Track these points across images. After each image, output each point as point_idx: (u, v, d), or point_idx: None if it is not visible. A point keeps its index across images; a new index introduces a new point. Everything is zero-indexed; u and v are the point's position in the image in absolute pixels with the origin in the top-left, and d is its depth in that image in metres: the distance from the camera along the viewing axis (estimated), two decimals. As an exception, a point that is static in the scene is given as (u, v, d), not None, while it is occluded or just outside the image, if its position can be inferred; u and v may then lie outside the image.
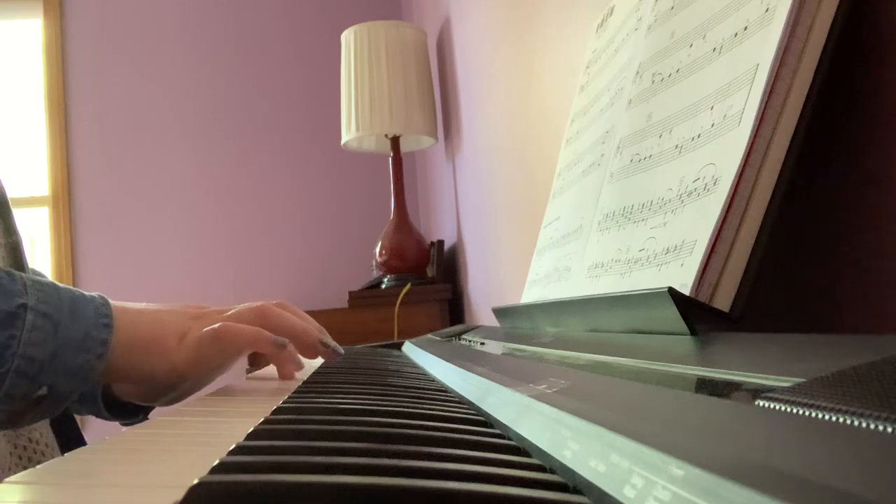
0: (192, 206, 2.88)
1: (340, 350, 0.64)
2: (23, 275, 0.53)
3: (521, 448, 0.27)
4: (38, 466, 0.27)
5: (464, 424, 0.33)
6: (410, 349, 0.92)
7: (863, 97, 0.38)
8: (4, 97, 2.98)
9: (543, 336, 0.56)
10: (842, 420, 0.16)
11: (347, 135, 2.09)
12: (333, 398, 0.43)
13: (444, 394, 0.46)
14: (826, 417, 0.16)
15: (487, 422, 0.34)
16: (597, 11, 0.76)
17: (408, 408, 0.37)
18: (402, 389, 0.48)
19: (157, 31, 2.93)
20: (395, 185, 2.11)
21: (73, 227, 2.85)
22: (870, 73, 0.38)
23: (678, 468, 0.15)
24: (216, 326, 0.57)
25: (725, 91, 0.42)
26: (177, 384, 0.62)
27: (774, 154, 0.38)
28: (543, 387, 0.30)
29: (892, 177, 0.36)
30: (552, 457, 0.23)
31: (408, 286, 1.94)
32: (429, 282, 2.05)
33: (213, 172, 2.89)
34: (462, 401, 0.42)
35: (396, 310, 1.90)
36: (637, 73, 0.56)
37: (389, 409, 0.37)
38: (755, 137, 0.38)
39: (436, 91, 2.18)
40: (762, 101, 0.38)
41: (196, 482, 0.19)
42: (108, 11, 2.94)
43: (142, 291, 2.76)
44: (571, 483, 0.21)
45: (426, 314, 1.96)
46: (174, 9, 2.94)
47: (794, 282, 0.43)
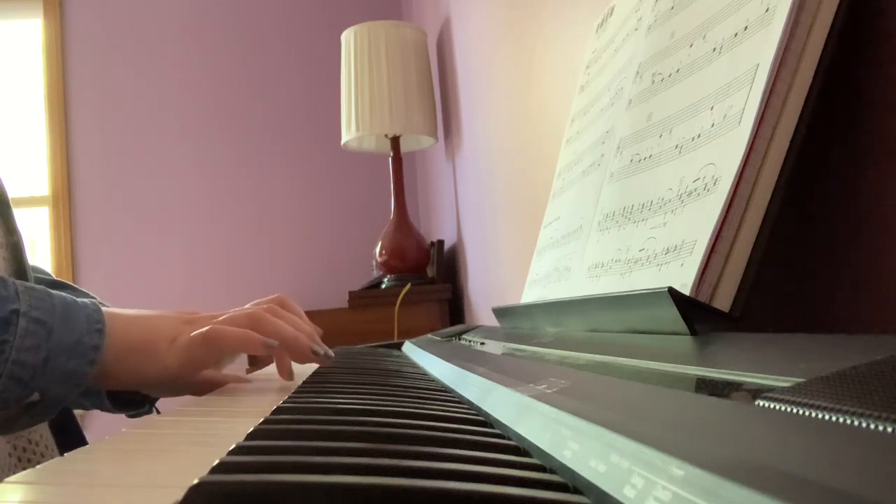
0: (192, 206, 2.88)
1: (331, 354, 0.65)
2: (15, 281, 0.53)
3: (521, 448, 0.27)
4: (38, 466, 0.27)
5: (464, 424, 0.33)
6: (410, 349, 0.92)
7: (863, 97, 0.38)
8: (4, 97, 2.98)
9: (543, 336, 0.56)
10: (842, 420, 0.16)
11: (347, 135, 2.09)
12: (333, 398, 0.43)
13: (445, 394, 0.46)
14: (826, 417, 0.16)
15: (487, 422, 0.34)
16: (597, 11, 0.76)
17: (408, 408, 0.37)
18: (403, 389, 0.48)
19: (157, 31, 2.93)
20: (395, 185, 2.11)
21: (73, 227, 2.85)
22: (870, 73, 0.38)
23: (678, 468, 0.15)
24: (206, 329, 0.58)
25: (725, 91, 0.42)
26: (169, 386, 0.63)
27: (774, 154, 0.38)
28: (543, 387, 0.30)
29: (893, 176, 0.36)
30: (552, 457, 0.23)
31: (408, 286, 1.94)
32: (429, 282, 2.05)
33: (213, 172, 2.89)
34: (462, 401, 0.42)
35: (396, 310, 1.90)
36: (637, 73, 0.56)
37: (389, 409, 0.37)
38: (755, 137, 0.38)
39: (436, 91, 2.18)
40: (762, 101, 0.38)
41: (196, 482, 0.19)
42: (108, 11, 2.94)
43: (142, 291, 2.76)
44: (571, 483, 0.21)
45: (426, 314, 1.96)
46: (174, 9, 2.94)
47: (794, 282, 0.43)
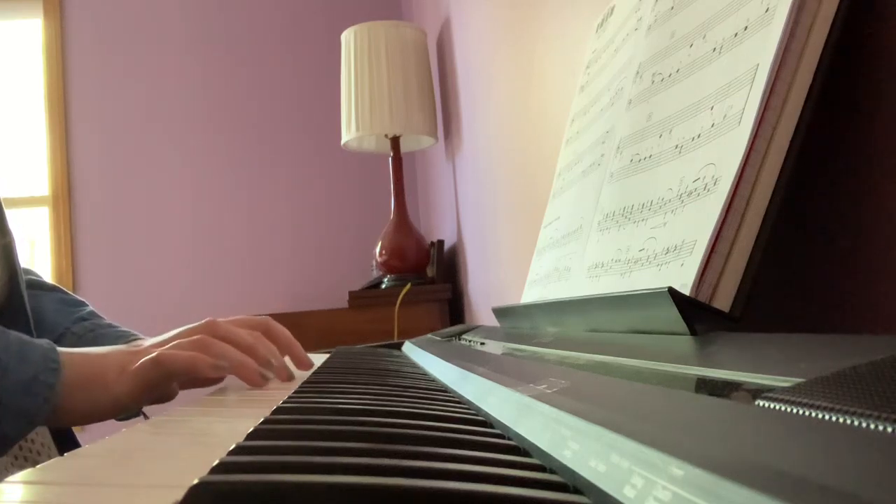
0: (192, 206, 2.87)
1: (276, 364, 0.64)
2: None
3: (521, 448, 0.27)
4: (38, 466, 0.27)
5: (464, 424, 0.33)
6: (410, 349, 0.92)
7: (863, 97, 0.38)
8: (4, 97, 2.98)
9: (543, 336, 0.56)
10: (842, 420, 0.16)
11: (347, 135, 2.09)
12: (333, 398, 0.43)
13: (444, 394, 0.46)
14: (826, 417, 0.16)
15: (487, 422, 0.34)
16: (597, 11, 0.76)
17: (408, 408, 0.37)
18: (402, 389, 0.48)
19: (157, 31, 2.93)
20: (395, 185, 2.11)
21: (73, 227, 2.85)
22: (870, 73, 0.38)
23: (678, 468, 0.15)
24: (154, 354, 0.58)
25: (725, 91, 0.42)
26: (120, 415, 0.63)
27: (774, 154, 0.38)
28: (543, 387, 0.30)
29: (893, 176, 0.36)
30: (552, 457, 0.23)
31: (408, 286, 1.94)
32: (429, 282, 2.05)
33: (213, 172, 2.89)
34: (462, 401, 0.42)
35: (396, 310, 1.90)
36: (637, 73, 0.56)
37: (389, 409, 0.37)
38: (755, 137, 0.38)
39: (436, 91, 2.18)
40: (762, 101, 0.38)
41: (196, 482, 0.19)
42: (108, 11, 2.94)
43: (141, 291, 2.76)
44: (571, 483, 0.21)
45: (426, 314, 1.96)
46: (174, 9, 2.94)
47: (794, 282, 0.43)
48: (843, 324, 0.39)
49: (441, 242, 2.13)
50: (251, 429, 0.29)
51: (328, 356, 0.90)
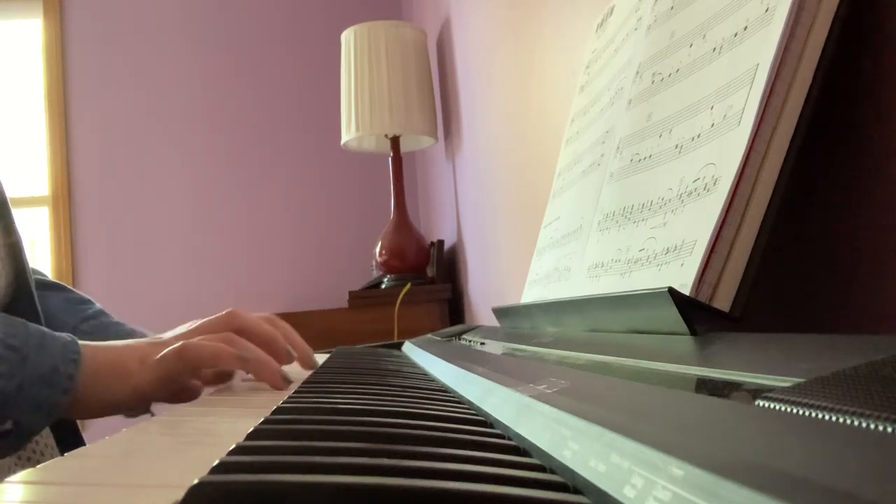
0: (192, 206, 2.87)
1: (294, 354, 0.65)
2: None
3: (521, 448, 0.27)
4: (38, 466, 0.27)
5: (464, 424, 0.33)
6: (410, 349, 0.92)
7: (863, 97, 0.38)
8: (4, 97, 2.98)
9: (543, 336, 0.56)
10: (842, 420, 0.16)
11: (347, 135, 2.09)
12: (333, 398, 0.43)
13: (444, 394, 0.46)
14: (826, 417, 0.16)
15: (487, 422, 0.34)
16: (597, 11, 0.76)
17: (408, 408, 0.37)
18: (402, 389, 0.48)
19: (157, 31, 2.93)
20: (395, 185, 2.11)
21: (73, 227, 2.85)
22: (870, 73, 0.38)
23: (678, 468, 0.15)
24: (178, 345, 0.58)
25: (725, 91, 0.42)
26: (140, 408, 0.63)
27: (774, 154, 0.38)
28: (543, 387, 0.30)
29: (893, 176, 0.36)
30: (552, 457, 0.23)
31: (408, 286, 1.94)
32: (429, 282, 2.05)
33: (213, 172, 2.89)
34: (462, 401, 0.42)
35: (396, 310, 1.90)
36: (637, 73, 0.56)
37: (389, 409, 0.37)
38: (755, 137, 0.38)
39: (436, 91, 2.18)
40: (762, 101, 0.38)
41: (196, 482, 0.19)
42: (108, 11, 2.94)
43: (141, 291, 2.76)
44: (571, 483, 0.21)
45: (426, 314, 1.96)
46: (174, 9, 2.94)
47: (794, 282, 0.43)
48: (843, 324, 0.39)
49: (441, 242, 2.13)
50: (251, 429, 0.29)
51: (328, 356, 0.90)
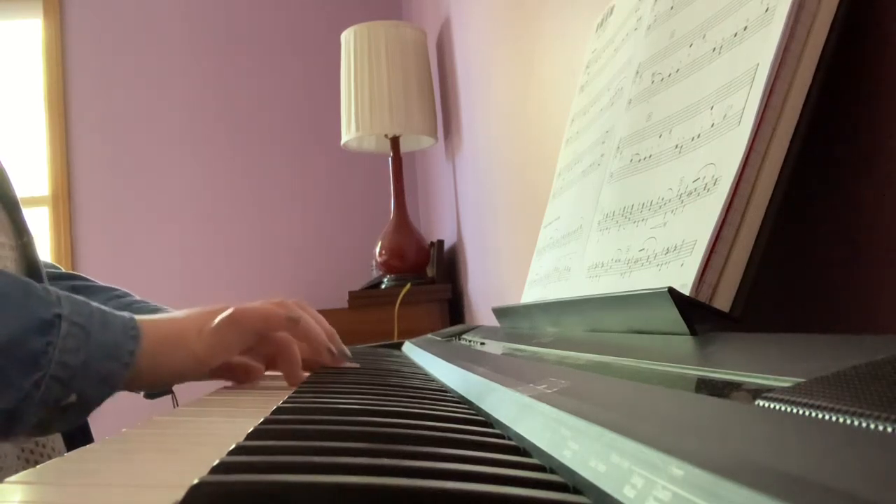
0: (192, 207, 2.87)
1: (348, 354, 0.67)
2: (57, 290, 0.56)
3: (521, 448, 0.27)
4: (38, 466, 0.27)
5: (464, 424, 0.33)
6: (410, 349, 0.92)
7: (862, 97, 0.38)
8: (4, 97, 2.98)
9: (543, 336, 0.56)
10: (842, 420, 0.16)
11: (347, 135, 2.09)
12: (333, 398, 0.43)
13: (444, 394, 0.46)
14: (826, 417, 0.16)
15: (487, 422, 0.34)
16: (597, 11, 0.76)
17: (408, 408, 0.37)
18: (402, 389, 0.48)
19: (157, 31, 2.93)
20: (395, 185, 2.11)
21: (73, 227, 2.85)
22: (870, 73, 0.38)
23: (678, 468, 0.15)
24: (230, 311, 0.61)
25: (725, 91, 0.42)
26: (200, 376, 0.64)
27: (774, 154, 0.38)
28: (543, 387, 0.30)
29: (893, 176, 0.36)
30: (552, 457, 0.23)
31: (408, 286, 1.94)
32: (429, 282, 2.05)
33: (213, 172, 2.89)
34: (462, 401, 0.42)
35: (396, 310, 1.90)
36: (637, 73, 0.56)
37: (389, 409, 0.37)
38: (755, 137, 0.38)
39: (436, 91, 2.18)
40: (762, 101, 0.38)
41: (196, 482, 0.19)
42: (108, 11, 2.94)
43: (141, 292, 2.75)
44: (571, 483, 0.21)
45: (426, 314, 1.96)
46: (174, 9, 2.94)
47: (794, 282, 0.43)
48: (843, 324, 0.39)
49: (441, 242, 2.13)
50: (251, 429, 0.29)
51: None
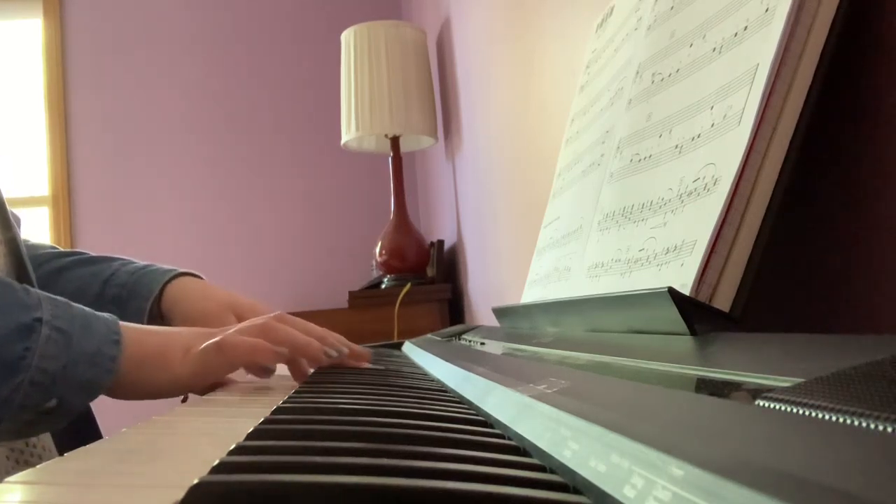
0: (192, 207, 2.87)
1: (345, 351, 0.66)
2: (38, 291, 0.55)
3: (521, 448, 0.27)
4: (38, 466, 0.27)
5: (464, 424, 0.33)
6: (410, 349, 0.92)
7: (862, 97, 0.38)
8: (4, 97, 2.98)
9: (543, 336, 0.56)
10: (842, 420, 0.16)
11: (347, 135, 2.09)
12: (333, 398, 0.43)
13: (444, 394, 0.46)
14: (826, 417, 0.16)
15: (487, 422, 0.34)
16: (597, 11, 0.76)
17: (408, 408, 0.37)
18: (402, 389, 0.48)
19: (157, 31, 2.93)
20: (395, 185, 2.11)
21: (73, 227, 2.85)
22: (870, 73, 0.38)
23: (678, 468, 0.15)
24: (218, 339, 0.59)
25: (725, 91, 0.42)
26: (179, 394, 0.63)
27: (774, 154, 0.38)
28: (543, 387, 0.30)
29: (892, 176, 0.36)
30: (552, 457, 0.23)
31: (408, 286, 1.94)
32: (429, 282, 2.05)
33: (213, 172, 2.89)
34: (462, 401, 0.42)
35: (396, 310, 1.90)
36: (637, 73, 0.56)
37: (389, 409, 0.37)
38: (755, 137, 0.38)
39: (436, 91, 2.18)
40: (762, 101, 0.38)
41: (196, 482, 0.19)
42: (108, 11, 2.94)
43: (142, 291, 2.75)
44: (571, 483, 0.21)
45: (426, 314, 1.96)
46: (174, 9, 2.94)
47: (794, 282, 0.43)
48: (843, 324, 0.39)
49: (441, 242, 2.13)
50: (251, 429, 0.29)
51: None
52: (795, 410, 0.17)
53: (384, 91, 2.02)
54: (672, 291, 0.36)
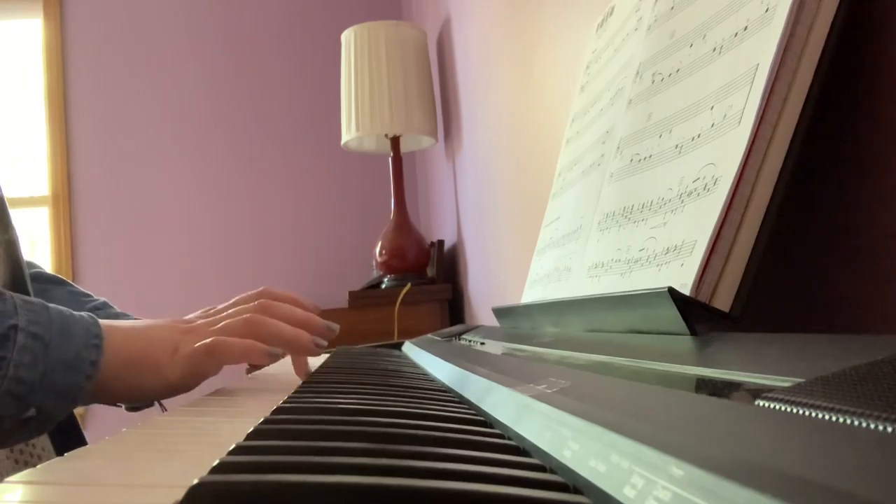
0: (192, 207, 2.88)
1: (335, 328, 0.66)
2: (13, 294, 0.53)
3: (521, 448, 0.27)
4: (38, 466, 0.27)
5: (464, 424, 0.33)
6: (410, 349, 0.92)
7: (862, 97, 0.38)
8: (4, 97, 2.98)
9: (543, 336, 0.56)
10: (842, 420, 0.16)
11: (347, 135, 2.09)
12: (333, 398, 0.43)
13: (444, 394, 0.46)
14: (826, 417, 0.16)
15: (487, 422, 0.34)
16: (597, 12, 0.76)
17: (408, 408, 0.37)
18: (402, 389, 0.48)
19: (157, 32, 2.93)
20: (395, 185, 2.11)
21: (73, 227, 2.85)
22: (870, 73, 0.38)
23: (678, 468, 0.15)
24: (209, 342, 0.57)
25: (725, 91, 0.42)
26: (168, 397, 0.63)
27: (774, 154, 0.38)
28: (543, 387, 0.30)
29: (892, 176, 0.36)
30: (552, 457, 0.23)
31: (408, 286, 1.94)
32: (429, 282, 2.05)
33: (213, 172, 2.89)
34: (462, 401, 0.42)
35: (396, 310, 1.90)
36: (637, 73, 0.56)
37: (389, 409, 0.37)
38: (755, 137, 0.38)
39: (436, 91, 2.18)
40: (762, 101, 0.38)
41: (196, 482, 0.19)
42: (108, 11, 2.94)
43: (141, 291, 2.76)
44: (571, 483, 0.21)
45: (426, 314, 1.96)
46: (174, 9, 2.94)
47: (794, 282, 0.43)
48: (843, 324, 0.39)
49: (441, 242, 2.13)
50: (251, 429, 0.29)
51: (328, 356, 0.90)
52: (795, 410, 0.17)
53: (384, 91, 2.02)
54: (672, 291, 0.36)
